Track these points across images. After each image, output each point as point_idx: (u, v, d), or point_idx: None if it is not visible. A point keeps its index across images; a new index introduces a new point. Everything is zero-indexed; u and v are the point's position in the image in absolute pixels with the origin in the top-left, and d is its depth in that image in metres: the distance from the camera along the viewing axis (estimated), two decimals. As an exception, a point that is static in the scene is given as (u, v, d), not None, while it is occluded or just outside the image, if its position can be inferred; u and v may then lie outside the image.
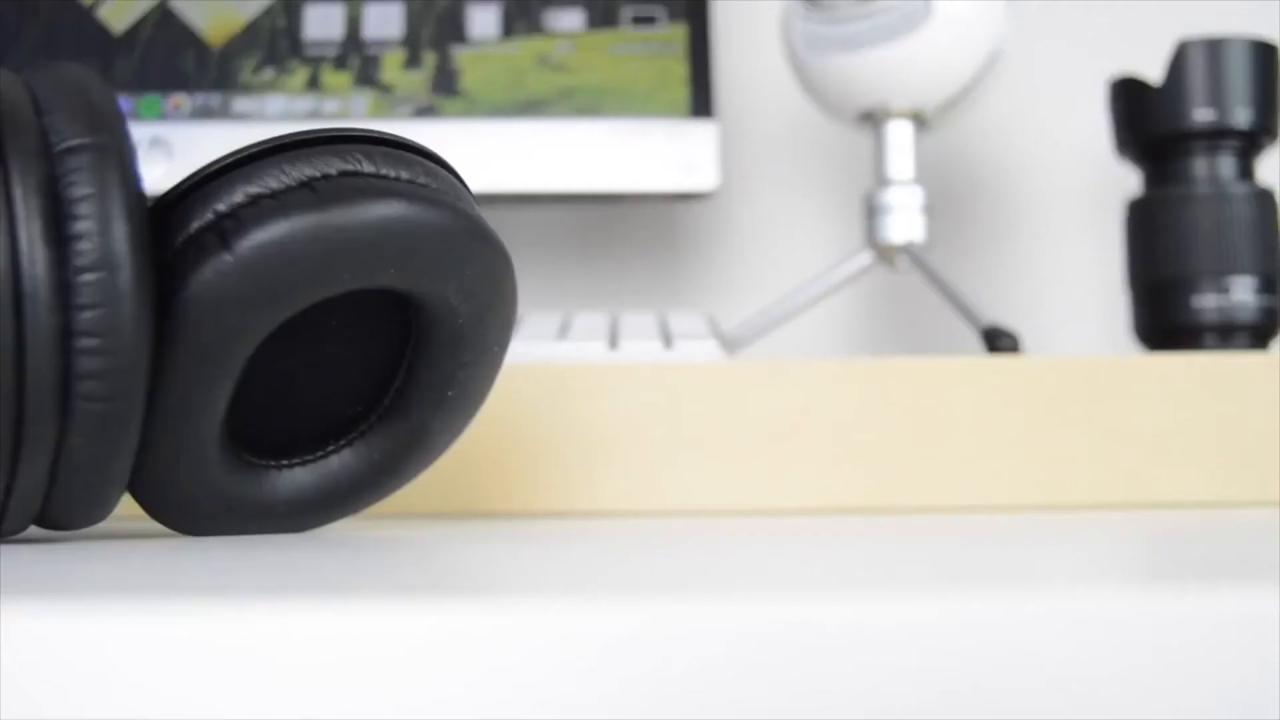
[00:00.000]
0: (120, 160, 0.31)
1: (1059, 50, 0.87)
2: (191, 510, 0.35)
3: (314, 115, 0.73)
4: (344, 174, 0.33)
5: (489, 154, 0.73)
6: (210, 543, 0.34)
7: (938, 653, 0.20)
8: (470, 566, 0.26)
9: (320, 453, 0.37)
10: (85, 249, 0.30)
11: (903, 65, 0.67)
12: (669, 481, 0.51)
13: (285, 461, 0.37)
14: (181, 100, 0.73)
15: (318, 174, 0.32)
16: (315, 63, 0.74)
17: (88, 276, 0.30)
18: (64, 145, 0.30)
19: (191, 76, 0.73)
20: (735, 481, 0.51)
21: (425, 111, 0.74)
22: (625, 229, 0.87)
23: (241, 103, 0.73)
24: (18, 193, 0.29)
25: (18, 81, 0.32)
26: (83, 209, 0.30)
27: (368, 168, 0.33)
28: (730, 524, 0.42)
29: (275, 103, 0.73)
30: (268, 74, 0.73)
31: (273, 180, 0.32)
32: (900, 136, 0.69)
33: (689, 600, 0.20)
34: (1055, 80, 0.87)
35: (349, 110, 0.73)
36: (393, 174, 0.33)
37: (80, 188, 0.30)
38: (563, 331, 0.61)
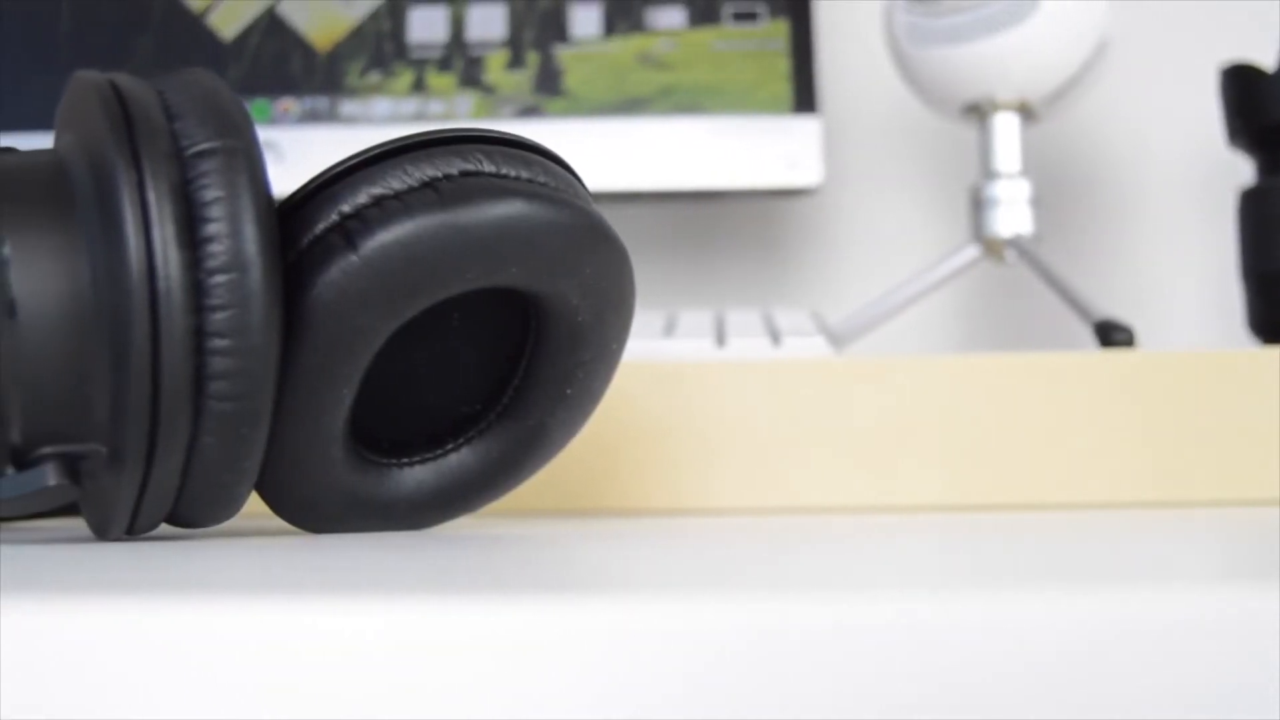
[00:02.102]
0: (249, 163, 0.31)
1: (1169, 38, 0.85)
2: (315, 508, 0.36)
3: (419, 117, 0.74)
4: (465, 174, 0.33)
5: (592, 153, 0.73)
6: (333, 540, 0.34)
7: (1057, 650, 0.20)
8: (586, 564, 0.26)
9: (439, 451, 0.37)
10: (217, 251, 0.30)
11: (1009, 57, 0.66)
12: (778, 479, 0.51)
13: (405, 460, 0.37)
14: (290, 104, 0.74)
15: (440, 174, 0.33)
16: (420, 65, 0.74)
17: (219, 278, 0.30)
18: (195, 149, 0.31)
19: (299, 81, 0.74)
20: (844, 479, 0.51)
21: (529, 111, 0.74)
22: (726, 226, 0.87)
23: (348, 106, 0.74)
24: (152, 196, 0.30)
25: (148, 88, 0.32)
26: (214, 211, 0.30)
27: (488, 167, 0.33)
28: (840, 522, 0.42)
29: (381, 105, 0.74)
30: (373, 77, 0.74)
31: (396, 181, 0.33)
32: (1007, 129, 0.68)
33: (802, 599, 0.20)
34: (1165, 69, 0.86)
35: (453, 112, 0.74)
36: (513, 173, 0.33)
37: (211, 191, 0.30)
38: (668, 329, 0.61)
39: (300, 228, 0.33)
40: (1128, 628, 0.20)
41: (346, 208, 0.32)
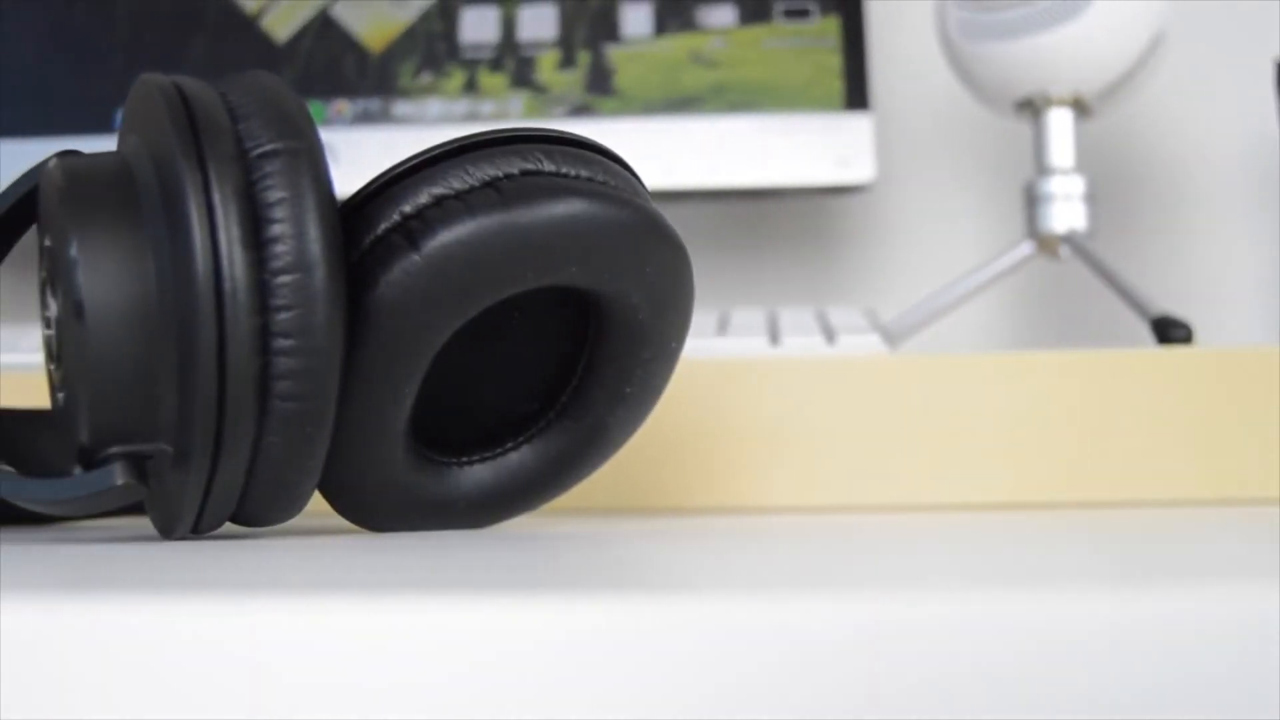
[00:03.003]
0: (313, 164, 0.31)
1: (1223, 32, 0.85)
2: (377, 507, 0.36)
3: (471, 117, 0.74)
4: (526, 173, 0.33)
5: (643, 152, 0.73)
6: (394, 539, 0.34)
7: (1117, 649, 0.20)
8: (646, 563, 0.26)
9: (499, 450, 0.37)
10: (281, 251, 0.30)
11: (1063, 52, 0.65)
12: (834, 477, 0.51)
13: (465, 459, 0.37)
14: (343, 106, 0.74)
15: (501, 174, 0.33)
16: (472, 65, 0.75)
17: (284, 278, 0.30)
18: (259, 151, 0.31)
19: (352, 82, 0.75)
20: (901, 476, 0.51)
21: (580, 111, 0.74)
22: (778, 224, 0.86)
23: (401, 107, 0.74)
24: (217, 198, 0.30)
25: (211, 90, 0.33)
26: (278, 212, 0.31)
27: (549, 167, 0.33)
28: (897, 520, 0.42)
29: (433, 106, 0.74)
30: (426, 78, 0.74)
31: (457, 181, 0.33)
32: (1061, 124, 0.68)
33: (862, 597, 0.20)
34: (1220, 62, 0.85)
35: (505, 112, 0.74)
36: (573, 172, 0.33)
37: (276, 192, 0.31)
38: (721, 327, 0.61)
39: (362, 228, 0.33)
40: (1195, 626, 0.20)
41: (408, 208, 0.32)
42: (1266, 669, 0.20)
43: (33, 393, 0.52)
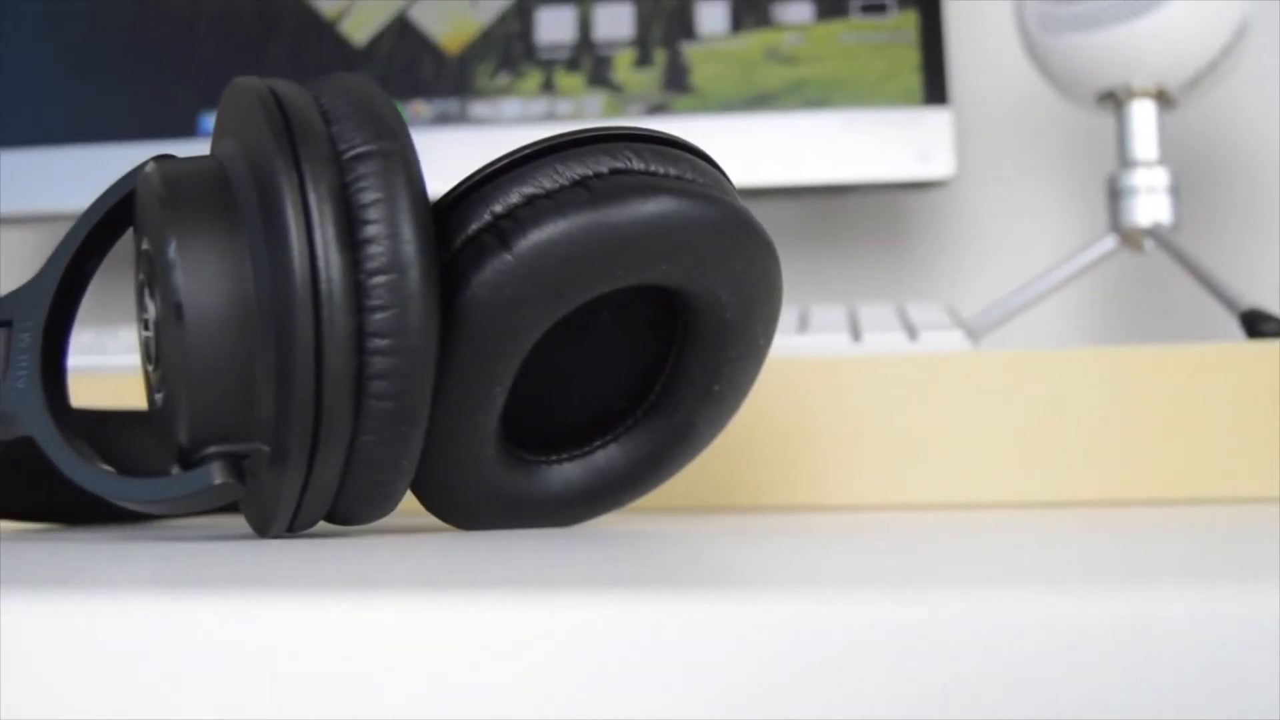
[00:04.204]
0: (406, 165, 0.31)
1: (1307, 21, 0.83)
2: (467, 505, 0.36)
3: (549, 117, 0.74)
4: (615, 172, 0.33)
5: (721, 149, 0.73)
6: (484, 537, 0.34)
7: (1219, 647, 0.19)
8: (734, 560, 0.26)
9: (587, 448, 0.37)
10: (376, 252, 0.31)
11: (1145, 42, 0.65)
12: (917, 474, 0.50)
13: (554, 457, 0.37)
14: (422, 108, 0.75)
15: (590, 173, 0.33)
16: (548, 65, 0.75)
17: (379, 279, 0.31)
18: (353, 152, 0.31)
19: (430, 84, 0.75)
20: (985, 474, 0.50)
21: (657, 109, 0.74)
22: (857, 220, 0.86)
23: (478, 108, 0.75)
24: (313, 200, 0.30)
25: (304, 92, 0.33)
26: (373, 213, 0.31)
27: (638, 165, 0.33)
28: (983, 517, 0.41)
29: (511, 106, 0.75)
30: (503, 79, 0.75)
31: (547, 180, 0.33)
32: (1143, 116, 0.67)
33: (949, 595, 0.20)
34: (1303, 52, 0.83)
35: (582, 111, 0.74)
36: (662, 170, 0.33)
37: (370, 193, 0.31)
38: (802, 324, 0.61)
39: (454, 228, 0.33)
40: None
41: (499, 207, 0.33)
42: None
43: (118, 394, 0.53)
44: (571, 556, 0.27)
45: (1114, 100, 0.67)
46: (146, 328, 0.34)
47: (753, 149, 0.73)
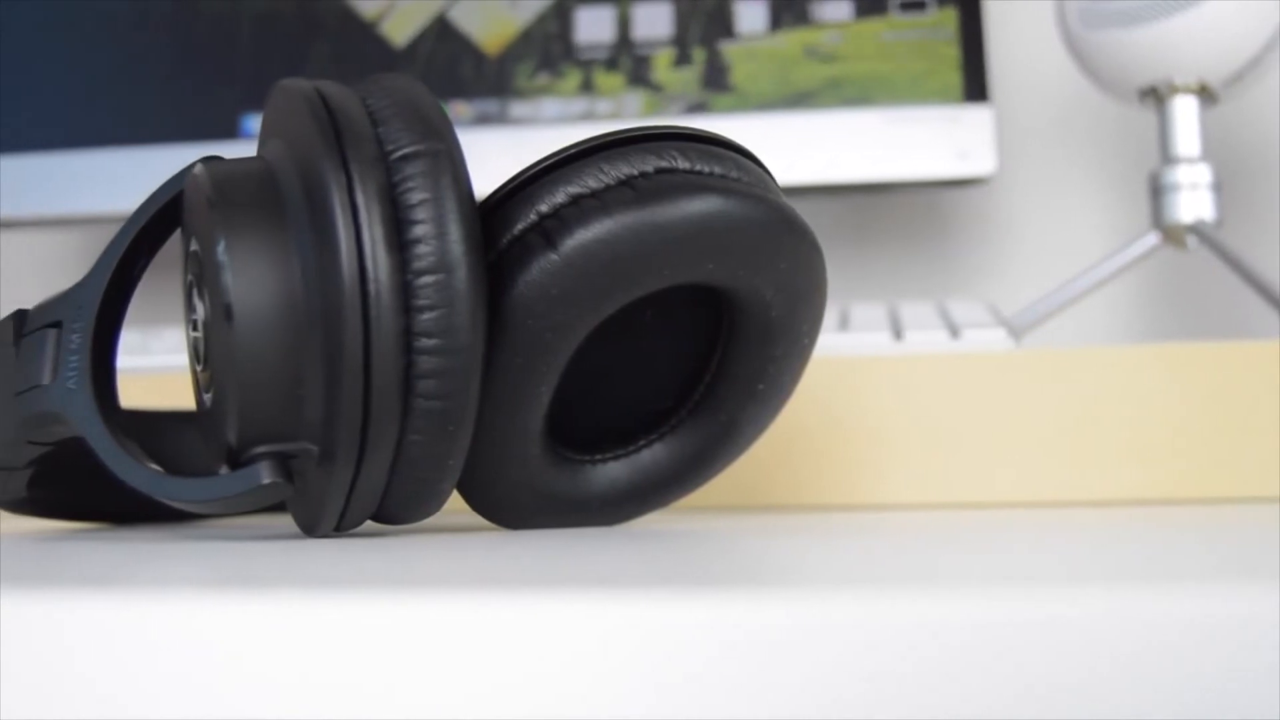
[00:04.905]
0: (452, 165, 0.31)
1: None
2: (513, 505, 0.36)
3: (588, 117, 0.74)
4: (661, 171, 0.33)
5: (760, 148, 0.73)
6: (530, 536, 0.34)
7: (1257, 649, 0.19)
8: (780, 560, 0.26)
9: (632, 447, 0.37)
10: (424, 252, 0.31)
11: (1187, 38, 0.64)
12: (961, 473, 0.50)
13: (599, 456, 0.37)
14: (463, 108, 0.75)
15: (636, 172, 0.33)
16: (587, 65, 0.75)
17: (427, 279, 0.31)
18: (400, 153, 0.31)
19: (470, 84, 0.75)
20: (1028, 473, 0.50)
21: (696, 108, 0.74)
22: (897, 218, 0.86)
23: (518, 108, 0.75)
24: (361, 200, 0.31)
25: (351, 94, 0.33)
26: (420, 214, 0.31)
27: (683, 164, 0.33)
28: (1027, 516, 0.41)
29: (550, 106, 0.75)
30: (542, 79, 0.75)
31: (592, 180, 0.33)
32: (1186, 112, 0.67)
33: (987, 594, 0.20)
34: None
35: (622, 111, 0.74)
36: (708, 169, 0.33)
37: (417, 193, 0.31)
38: (842, 323, 0.61)
39: (499, 228, 0.33)
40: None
41: (544, 207, 0.33)
42: None
43: (163, 394, 0.53)
44: (618, 556, 0.27)
45: (1155, 96, 0.67)
46: (195, 328, 0.34)
47: (792, 147, 0.73)
